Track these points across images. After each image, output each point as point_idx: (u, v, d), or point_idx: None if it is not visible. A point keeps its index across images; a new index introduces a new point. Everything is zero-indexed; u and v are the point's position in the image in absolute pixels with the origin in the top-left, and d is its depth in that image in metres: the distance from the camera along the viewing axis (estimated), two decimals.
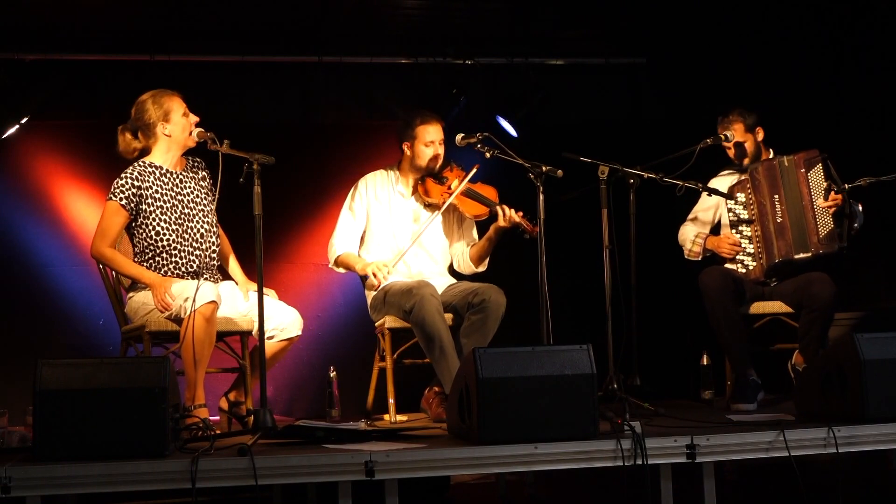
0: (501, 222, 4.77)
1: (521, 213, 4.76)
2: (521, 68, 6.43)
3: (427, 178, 4.93)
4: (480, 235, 5.01)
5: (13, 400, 5.11)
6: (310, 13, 5.98)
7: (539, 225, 4.50)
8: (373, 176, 5.02)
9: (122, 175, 4.47)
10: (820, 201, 4.77)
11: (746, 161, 4.99)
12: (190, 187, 4.56)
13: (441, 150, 4.91)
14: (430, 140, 4.89)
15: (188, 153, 4.58)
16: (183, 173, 4.57)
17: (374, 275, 4.71)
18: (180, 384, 4.30)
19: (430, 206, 4.93)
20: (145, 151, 4.55)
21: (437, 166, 4.92)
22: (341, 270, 4.99)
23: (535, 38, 6.47)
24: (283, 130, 6.18)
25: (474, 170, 4.85)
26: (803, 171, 4.84)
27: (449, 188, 4.88)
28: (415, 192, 4.96)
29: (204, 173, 4.64)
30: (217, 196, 4.60)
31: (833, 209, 4.75)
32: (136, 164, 4.50)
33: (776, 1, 5.89)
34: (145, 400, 3.35)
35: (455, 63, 6.34)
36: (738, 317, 4.78)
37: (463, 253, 5.02)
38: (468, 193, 4.89)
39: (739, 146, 4.98)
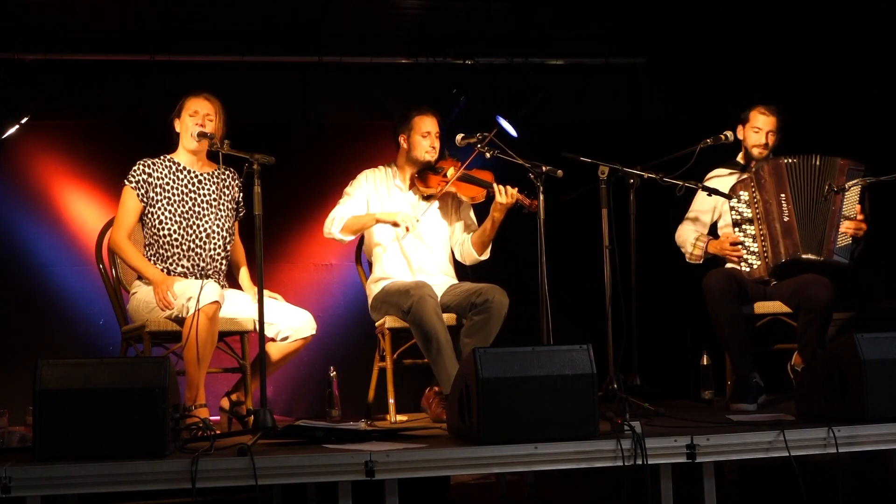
0: (501, 199, 4.76)
1: (517, 189, 4.77)
2: (521, 68, 6.43)
3: (424, 171, 4.93)
4: (480, 222, 5.00)
5: (13, 400, 5.10)
6: (310, 13, 5.98)
7: (539, 226, 4.50)
8: (371, 171, 5.04)
9: (138, 162, 4.57)
10: (848, 216, 4.76)
11: (754, 161, 4.99)
12: (209, 190, 4.61)
13: (437, 144, 4.93)
14: (426, 131, 4.91)
15: (215, 159, 4.59)
16: (205, 175, 4.62)
17: (406, 227, 4.71)
18: (180, 384, 4.31)
19: (429, 198, 4.93)
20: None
21: (433, 159, 4.93)
22: (342, 236, 4.88)
23: (535, 38, 6.46)
24: (283, 130, 6.18)
25: (473, 155, 4.84)
26: (844, 177, 4.82)
27: (445, 176, 4.89)
28: (412, 185, 4.97)
29: (233, 182, 4.68)
30: (243, 210, 4.65)
31: (862, 227, 4.76)
32: (159, 156, 4.60)
33: (776, 1, 5.90)
34: (145, 400, 3.35)
35: (455, 63, 6.34)
36: (741, 319, 4.77)
37: (464, 242, 5.02)
38: (464, 178, 4.90)
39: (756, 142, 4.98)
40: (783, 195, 4.83)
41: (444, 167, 4.93)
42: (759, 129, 4.99)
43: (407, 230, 4.73)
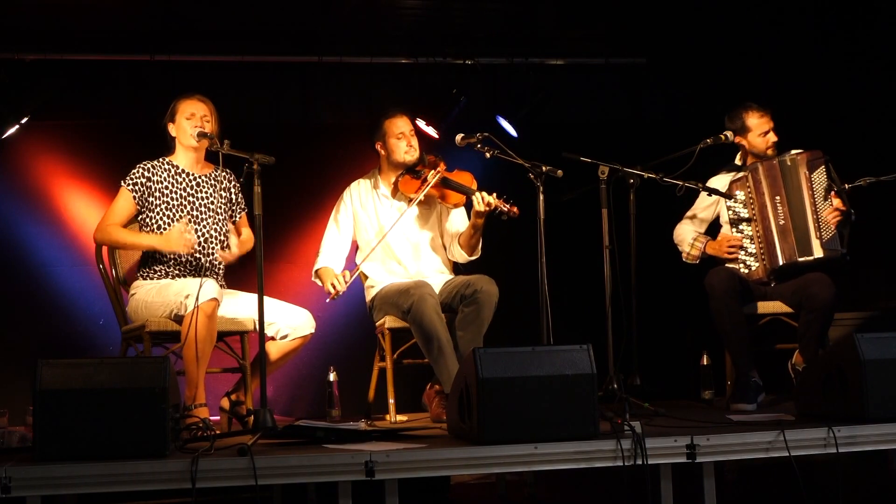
0: (477, 207, 4.74)
1: (495, 195, 4.74)
2: (521, 68, 6.43)
3: (404, 175, 4.93)
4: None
5: (13, 400, 5.10)
6: (310, 13, 5.98)
7: (539, 226, 4.49)
8: (356, 185, 5.04)
9: (137, 165, 4.57)
10: (824, 208, 4.76)
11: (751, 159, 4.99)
12: (207, 192, 4.61)
13: (414, 142, 4.93)
14: (399, 132, 4.92)
15: (214, 159, 4.58)
16: (203, 177, 4.62)
17: (334, 286, 4.71)
18: (180, 384, 4.31)
19: (413, 202, 4.93)
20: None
21: (414, 159, 4.92)
22: (320, 283, 4.98)
23: (535, 38, 6.46)
24: (283, 130, 6.17)
25: (441, 166, 4.85)
26: (806, 171, 4.82)
27: (424, 181, 4.87)
28: (395, 191, 4.96)
29: (230, 185, 4.68)
30: (240, 214, 4.65)
31: (838, 216, 4.74)
32: (157, 159, 4.59)
33: (776, 1, 5.90)
34: (145, 400, 3.36)
35: (455, 63, 6.33)
36: (742, 318, 4.77)
37: (454, 244, 5.01)
38: (444, 183, 4.88)
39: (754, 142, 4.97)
40: (778, 197, 4.83)
41: (423, 171, 4.91)
42: (765, 132, 4.96)
43: (336, 295, 4.70)
